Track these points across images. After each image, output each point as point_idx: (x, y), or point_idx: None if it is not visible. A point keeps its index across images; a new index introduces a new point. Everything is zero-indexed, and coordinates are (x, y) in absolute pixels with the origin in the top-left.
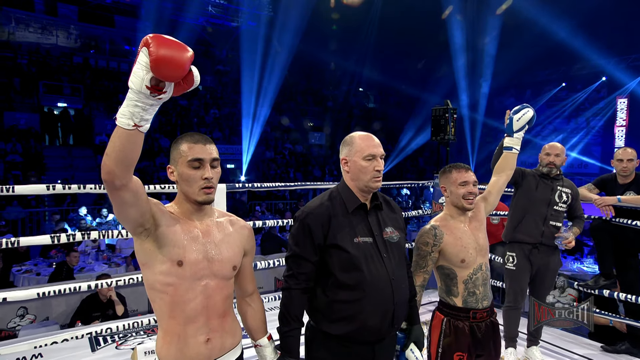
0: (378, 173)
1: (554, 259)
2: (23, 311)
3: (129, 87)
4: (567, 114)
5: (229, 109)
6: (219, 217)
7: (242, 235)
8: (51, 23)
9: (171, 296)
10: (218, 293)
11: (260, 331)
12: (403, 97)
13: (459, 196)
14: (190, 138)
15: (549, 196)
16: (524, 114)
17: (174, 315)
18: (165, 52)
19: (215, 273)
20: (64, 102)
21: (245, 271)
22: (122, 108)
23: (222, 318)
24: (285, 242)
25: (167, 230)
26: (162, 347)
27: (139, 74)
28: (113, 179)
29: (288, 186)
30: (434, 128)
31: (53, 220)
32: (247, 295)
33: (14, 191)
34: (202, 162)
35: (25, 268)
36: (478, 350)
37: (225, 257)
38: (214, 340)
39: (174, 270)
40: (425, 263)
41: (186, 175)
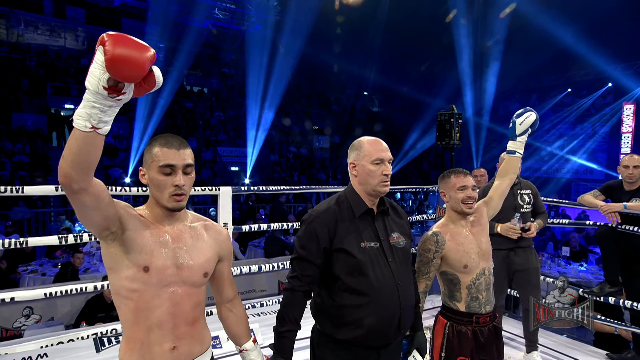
0: (386, 177)
1: (531, 258)
2: (28, 311)
3: (85, 87)
4: (572, 119)
5: (234, 112)
6: (192, 222)
7: (217, 240)
8: (59, 25)
9: (136, 302)
10: (187, 300)
11: (244, 336)
12: (407, 101)
13: (458, 201)
14: (164, 141)
15: (513, 202)
16: (526, 118)
17: (137, 322)
18: (121, 51)
19: (184, 280)
20: (71, 104)
21: (223, 277)
22: (79, 109)
23: (191, 325)
24: (288, 246)
25: (134, 235)
26: (124, 354)
27: (96, 74)
28: (70, 183)
29: (292, 189)
30: (439, 133)
31: (59, 220)
32: (228, 301)
33: (23, 192)
34: (173, 168)
35: (30, 268)
36: (481, 355)
37: (196, 264)
38: (181, 347)
39: (140, 276)
40: (428, 269)
41: (156, 180)
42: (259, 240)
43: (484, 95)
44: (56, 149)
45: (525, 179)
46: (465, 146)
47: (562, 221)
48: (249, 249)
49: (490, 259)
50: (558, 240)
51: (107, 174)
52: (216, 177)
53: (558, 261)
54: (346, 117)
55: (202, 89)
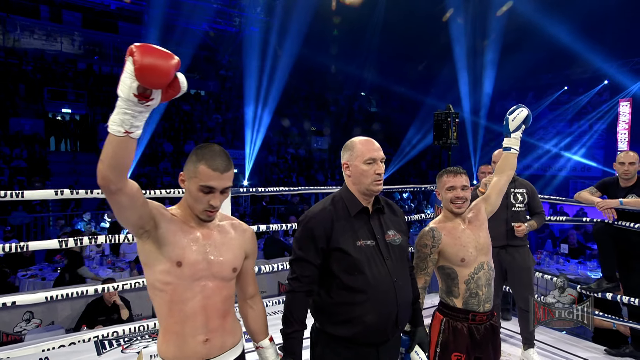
0: (378, 176)
1: (523, 256)
2: (29, 315)
3: (118, 95)
4: (569, 117)
5: (232, 114)
6: (220, 221)
7: (244, 238)
8: (56, 30)
9: (170, 295)
10: (217, 294)
11: (261, 333)
12: (405, 101)
13: (447, 201)
14: (211, 163)
15: (505, 200)
16: (518, 114)
17: (172, 314)
18: (149, 60)
19: (215, 274)
20: (68, 108)
21: (246, 274)
22: (113, 116)
23: (223, 318)
24: (288, 247)
25: (167, 232)
26: (162, 345)
27: (126, 82)
28: (108, 184)
29: (291, 190)
30: (436, 132)
31: (58, 225)
32: (249, 297)
33: (23, 196)
34: (213, 190)
35: (30, 273)
36: (477, 352)
37: (225, 260)
38: (213, 340)
39: (173, 270)
40: (426, 265)
41: (194, 194)
42: (259, 241)
43: (481, 94)
44: (54, 153)
45: (521, 176)
46: (463, 145)
47: (559, 218)
48: None
49: (490, 254)
50: (557, 238)
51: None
52: None
53: (557, 259)
54: (344, 117)
55: (199, 91)
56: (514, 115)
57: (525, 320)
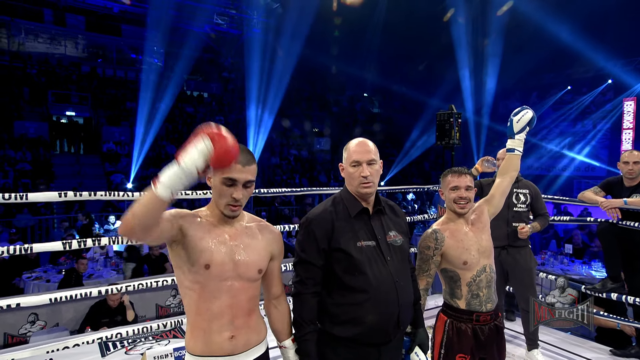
0: (364, 179)
1: (524, 257)
2: (34, 317)
3: (177, 162)
4: (572, 117)
5: (235, 116)
6: (248, 222)
7: (270, 239)
8: (60, 33)
9: (198, 294)
10: (243, 293)
11: (284, 333)
12: (408, 102)
13: (451, 201)
14: None
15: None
16: (522, 115)
17: (200, 312)
18: (226, 150)
19: (241, 275)
20: (72, 111)
21: (272, 274)
22: (165, 180)
23: (248, 317)
24: (291, 248)
25: (194, 239)
26: (190, 340)
27: (194, 158)
28: (131, 236)
29: (294, 192)
30: (439, 132)
31: (62, 227)
32: (274, 297)
33: (27, 198)
34: (235, 182)
35: (35, 275)
36: (481, 353)
37: (251, 261)
38: (239, 337)
39: (202, 271)
40: (428, 267)
41: (218, 189)
42: None
43: (483, 94)
44: (59, 156)
45: (526, 177)
46: (466, 145)
47: (563, 218)
48: None
49: (492, 256)
50: (561, 238)
51: (109, 179)
52: None
53: (561, 259)
54: (346, 118)
55: (202, 93)
56: (518, 117)
57: (528, 321)
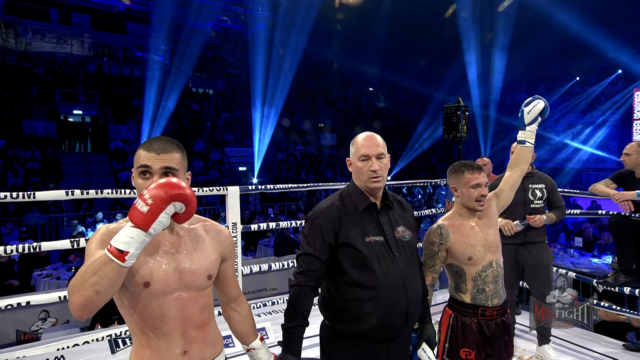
0: (374, 173)
1: (542, 253)
2: (45, 315)
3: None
4: (581, 108)
5: (240, 112)
6: (192, 224)
7: (218, 241)
8: (66, 33)
9: (140, 314)
10: (193, 305)
11: (250, 335)
12: (414, 96)
13: (472, 199)
14: (146, 146)
15: (523, 197)
16: (534, 106)
17: (145, 331)
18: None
19: (188, 285)
20: (79, 110)
21: (226, 277)
22: (133, 250)
23: (201, 329)
24: (298, 244)
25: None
26: (135, 358)
27: (164, 222)
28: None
29: (300, 187)
30: (446, 126)
31: (71, 225)
32: (232, 300)
33: (34, 197)
34: (150, 170)
35: (45, 272)
36: (487, 349)
37: (198, 267)
38: (192, 351)
39: (140, 290)
40: (433, 262)
41: (136, 184)
42: (269, 239)
43: (490, 86)
44: (67, 154)
45: (539, 169)
46: (473, 139)
47: (573, 211)
48: (259, 248)
49: (499, 251)
50: (570, 231)
51: (117, 177)
52: (224, 177)
53: (571, 252)
54: (352, 113)
55: (207, 90)
56: (529, 107)
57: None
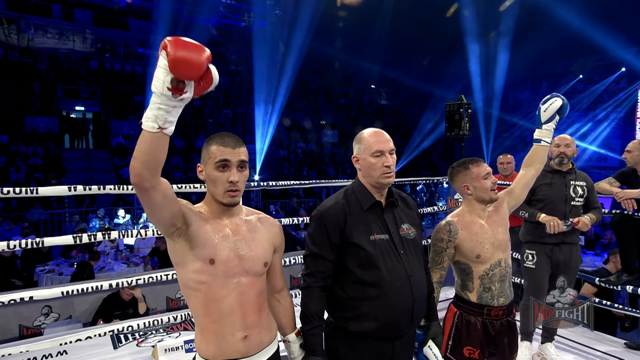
0: (388, 169)
1: (575, 256)
2: (47, 310)
3: (152, 91)
4: (585, 106)
5: (242, 109)
6: (247, 215)
7: (272, 232)
8: (68, 28)
9: (205, 294)
10: (251, 289)
11: (289, 327)
12: (416, 93)
13: (487, 189)
14: (220, 140)
15: (564, 192)
16: (551, 104)
17: (209, 313)
18: (182, 52)
19: (247, 270)
20: (81, 106)
21: (274, 268)
22: (147, 112)
23: (259, 314)
24: (300, 241)
25: (198, 230)
26: (201, 344)
27: (160, 77)
28: (142, 182)
29: (302, 184)
30: (449, 123)
31: (73, 221)
32: (277, 291)
33: (37, 193)
34: (228, 163)
35: (48, 268)
36: (491, 348)
37: (256, 254)
38: (252, 336)
39: (206, 268)
40: (441, 259)
41: (213, 176)
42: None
43: (493, 84)
44: (69, 150)
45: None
46: (475, 136)
47: None
48: None
49: (508, 250)
50: None
51: (119, 174)
52: None
53: None
54: (354, 110)
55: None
56: (546, 105)
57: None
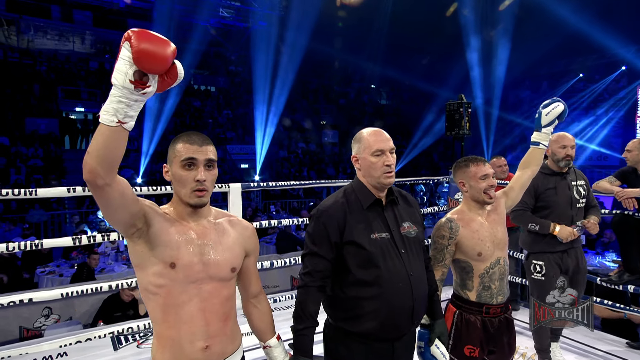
0: (388, 168)
1: (582, 258)
2: (48, 311)
3: (112, 83)
4: (585, 105)
5: (242, 109)
6: (217, 218)
7: (243, 235)
8: (68, 30)
9: (164, 298)
10: (215, 296)
11: (268, 332)
12: (416, 93)
13: (480, 190)
14: (187, 138)
15: (569, 196)
16: (553, 108)
17: (166, 319)
18: (147, 45)
19: (212, 275)
20: (81, 107)
21: (248, 272)
22: (106, 105)
23: (223, 322)
24: (300, 241)
25: (159, 231)
26: (157, 351)
27: (122, 69)
28: (95, 178)
29: (302, 184)
30: (449, 123)
31: (73, 222)
32: (253, 296)
33: (36, 194)
34: (195, 162)
35: (48, 269)
36: (490, 346)
37: (223, 259)
38: (214, 346)
39: (166, 272)
40: (443, 257)
41: (179, 175)
42: (271, 236)
43: (493, 83)
44: (69, 151)
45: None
46: (476, 136)
47: None
48: (260, 245)
49: (506, 249)
50: None
51: (119, 174)
52: (226, 174)
53: None
54: (354, 110)
55: (209, 87)
56: (548, 110)
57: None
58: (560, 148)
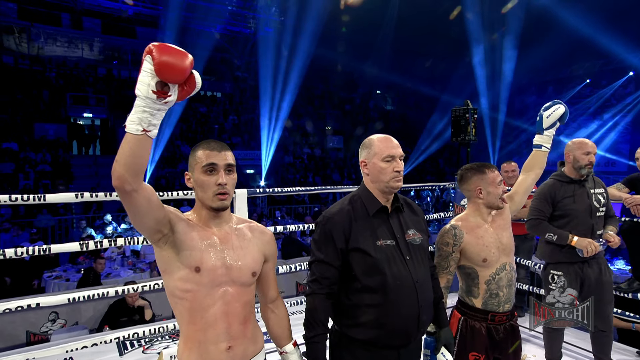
0: (398, 174)
1: (604, 269)
2: (54, 316)
3: (135, 95)
4: (592, 110)
5: (248, 115)
6: (237, 224)
7: (262, 241)
8: (77, 37)
9: (190, 302)
10: (237, 299)
11: (284, 337)
12: (421, 99)
13: (497, 196)
14: (206, 145)
15: (589, 204)
16: (554, 111)
17: (193, 322)
18: (167, 57)
19: (234, 280)
20: (89, 113)
21: (267, 277)
22: (131, 115)
23: (244, 325)
24: (305, 247)
25: (184, 237)
26: (183, 352)
27: (145, 81)
28: (123, 185)
29: (308, 190)
30: (454, 129)
31: (80, 227)
32: (270, 301)
33: (45, 200)
34: (215, 167)
35: (55, 274)
36: (495, 353)
37: (244, 264)
38: (236, 347)
39: (192, 276)
40: (447, 264)
41: (200, 181)
42: (277, 242)
43: (499, 89)
44: (77, 157)
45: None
46: (481, 142)
47: None
48: None
49: (512, 254)
50: None
51: None
52: None
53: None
54: (360, 116)
55: (215, 93)
56: (549, 112)
57: (602, 344)
58: (584, 154)
